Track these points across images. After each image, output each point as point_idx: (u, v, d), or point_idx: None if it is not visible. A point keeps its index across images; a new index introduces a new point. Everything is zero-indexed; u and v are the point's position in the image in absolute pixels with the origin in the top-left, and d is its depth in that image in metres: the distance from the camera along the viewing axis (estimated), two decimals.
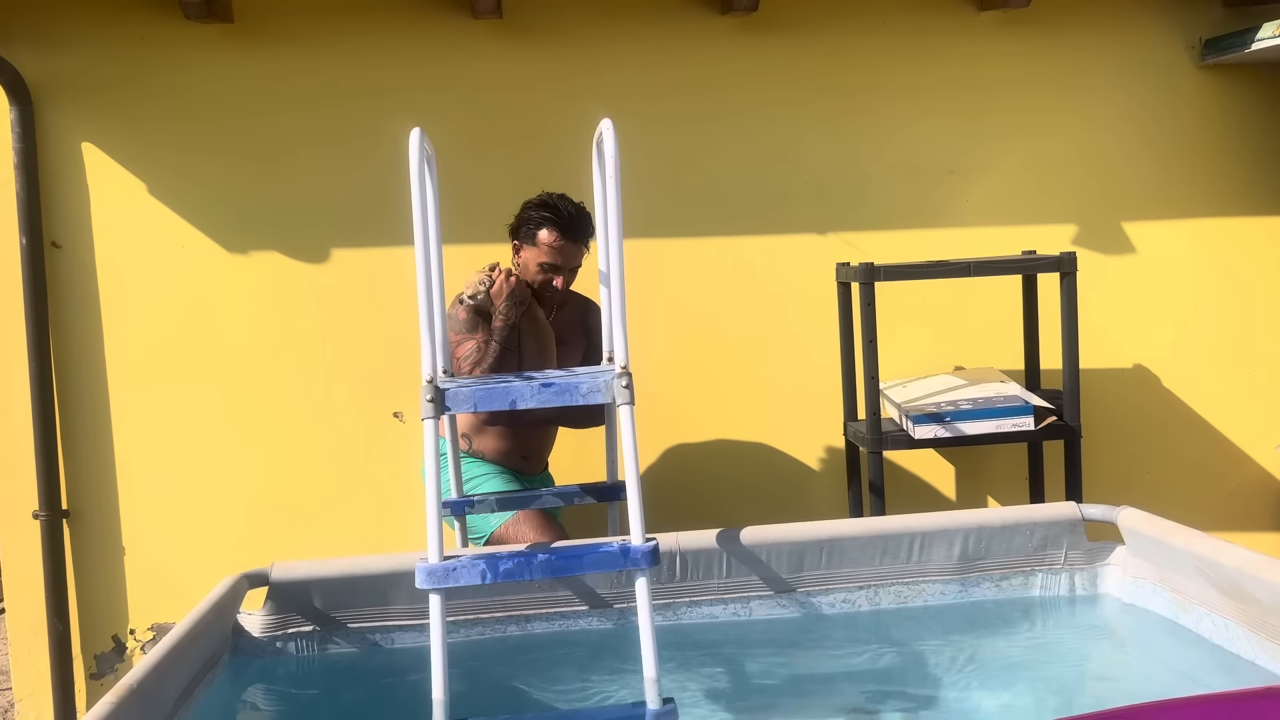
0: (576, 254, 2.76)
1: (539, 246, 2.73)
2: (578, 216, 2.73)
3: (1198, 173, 3.43)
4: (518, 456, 2.92)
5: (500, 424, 2.86)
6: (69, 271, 3.16)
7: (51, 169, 3.13)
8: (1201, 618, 2.26)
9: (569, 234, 2.72)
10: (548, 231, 2.72)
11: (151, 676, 1.83)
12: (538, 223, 2.73)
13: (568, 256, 2.74)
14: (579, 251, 2.77)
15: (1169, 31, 3.38)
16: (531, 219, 2.74)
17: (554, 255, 2.73)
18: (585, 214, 2.75)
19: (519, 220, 2.78)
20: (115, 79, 3.13)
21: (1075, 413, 2.96)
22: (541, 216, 2.72)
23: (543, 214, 2.73)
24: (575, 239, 2.74)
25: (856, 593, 2.50)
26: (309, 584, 2.37)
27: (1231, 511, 3.44)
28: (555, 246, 2.72)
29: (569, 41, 3.23)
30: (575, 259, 2.77)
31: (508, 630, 2.43)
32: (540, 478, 3.02)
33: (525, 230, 2.76)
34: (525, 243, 2.76)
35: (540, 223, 2.72)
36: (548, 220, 2.72)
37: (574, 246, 2.75)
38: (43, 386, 3.12)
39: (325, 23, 3.18)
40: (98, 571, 3.21)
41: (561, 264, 2.74)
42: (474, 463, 2.90)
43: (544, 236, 2.73)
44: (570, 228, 2.72)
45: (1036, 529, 2.52)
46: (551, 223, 2.71)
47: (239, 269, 3.20)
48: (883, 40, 3.32)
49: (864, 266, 2.92)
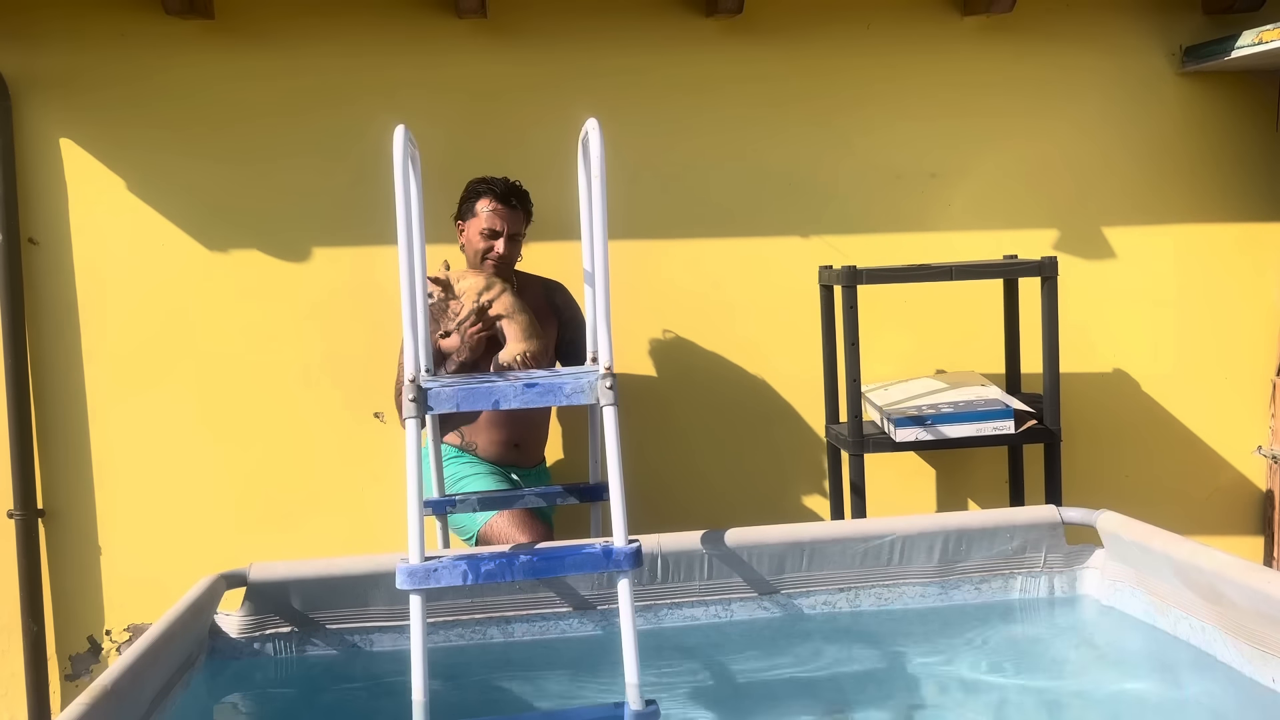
0: (515, 220, 2.86)
1: (478, 215, 2.85)
2: (513, 185, 2.87)
3: (1178, 179, 3.46)
4: (510, 445, 2.94)
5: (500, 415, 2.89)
6: (46, 268, 3.13)
7: (29, 165, 3.10)
8: (1179, 620, 2.27)
9: (505, 200, 2.84)
10: (485, 200, 2.85)
11: (126, 677, 1.81)
12: (477, 194, 2.86)
13: (507, 222, 2.84)
14: (517, 218, 2.87)
15: (1150, 39, 3.41)
16: (471, 193, 2.88)
17: (492, 220, 2.83)
18: (522, 188, 2.89)
19: (461, 200, 2.91)
20: (95, 74, 3.11)
21: (1055, 416, 2.97)
22: (478, 189, 2.87)
23: (479, 186, 2.87)
24: (511, 205, 2.85)
25: (837, 595, 2.51)
26: (287, 584, 2.35)
27: (1210, 515, 3.47)
28: (493, 210, 2.83)
29: (554, 41, 3.23)
30: (514, 225, 2.86)
31: (488, 632, 2.42)
32: (535, 471, 3.03)
33: (465, 206, 2.89)
34: (467, 218, 2.88)
35: (477, 194, 2.86)
36: (484, 190, 2.86)
37: (512, 212, 2.85)
38: (18, 384, 3.08)
39: (307, 20, 3.16)
40: (73, 572, 3.18)
41: (501, 229, 2.83)
42: (465, 461, 2.91)
43: (481, 205, 2.85)
44: (506, 194, 2.84)
45: (1016, 532, 2.53)
46: (488, 191, 2.85)
47: (219, 267, 3.18)
48: (866, 44, 3.33)
49: (846, 270, 2.93)
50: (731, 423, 3.35)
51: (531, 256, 3.14)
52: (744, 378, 3.35)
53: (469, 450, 2.93)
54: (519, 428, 2.94)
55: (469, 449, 2.93)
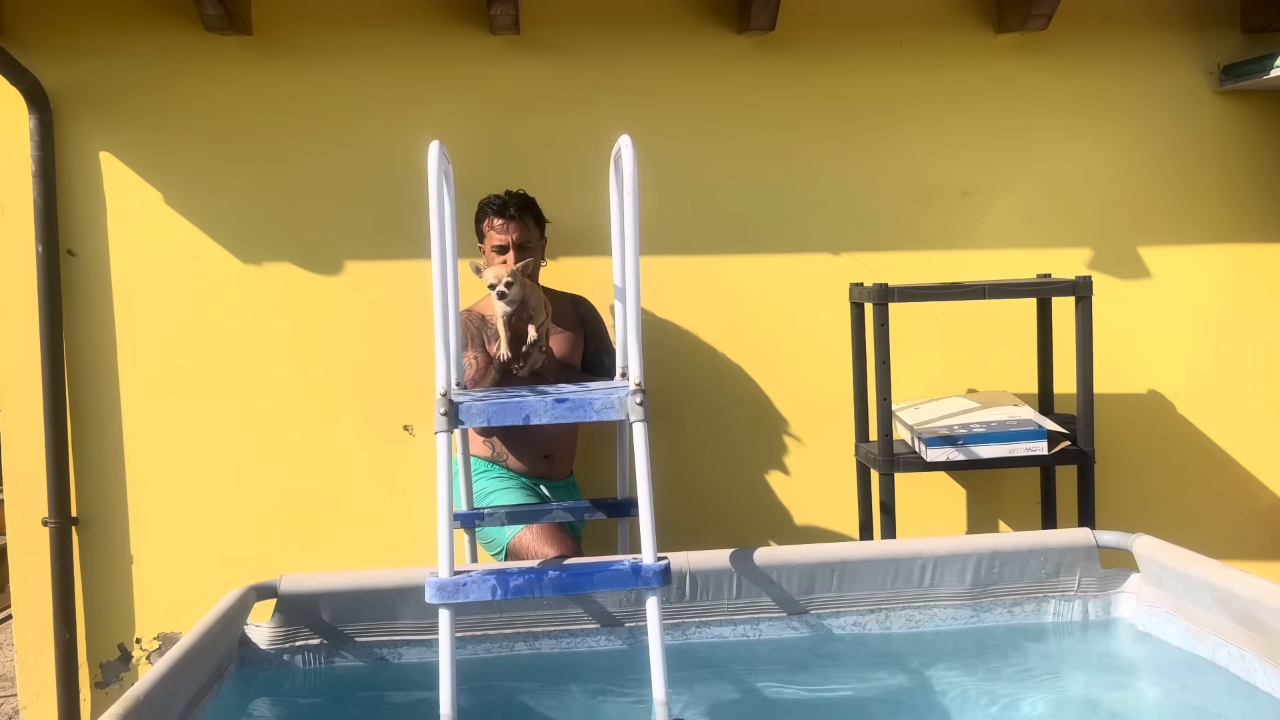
0: (521, 230, 2.88)
1: (488, 234, 2.91)
2: (513, 197, 2.91)
3: (1215, 198, 3.42)
4: (540, 457, 2.95)
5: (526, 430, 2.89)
6: (84, 280, 3.17)
7: (69, 178, 3.15)
8: (1217, 647, 2.23)
9: (505, 212, 2.88)
10: (488, 220, 2.91)
11: (159, 687, 1.82)
12: (483, 213, 2.93)
13: (512, 233, 2.87)
14: (523, 228, 2.89)
15: (1187, 57, 3.38)
16: (476, 218, 2.95)
17: (500, 236, 2.87)
18: (525, 195, 2.93)
19: (474, 222, 2.96)
20: (134, 89, 3.15)
21: (1089, 438, 2.94)
22: (485, 206, 2.93)
23: (481, 208, 2.94)
24: (511, 215, 2.88)
25: (867, 615, 2.48)
26: (317, 597, 2.36)
27: (1245, 541, 3.41)
28: (497, 226, 2.88)
29: (586, 59, 3.24)
30: (521, 234, 2.88)
31: (516, 647, 2.42)
32: (564, 484, 3.03)
33: (479, 228, 2.95)
34: (481, 240, 2.95)
35: (484, 212, 2.92)
36: (486, 208, 2.92)
37: (515, 223, 2.88)
38: (55, 393, 3.12)
39: (344, 36, 3.20)
40: (105, 580, 3.21)
41: (508, 241, 2.86)
42: (495, 475, 2.92)
43: (487, 225, 2.92)
44: (505, 206, 2.88)
45: (1050, 555, 2.50)
46: (490, 208, 2.91)
47: (253, 280, 3.21)
48: (899, 62, 3.32)
49: (878, 287, 2.92)
50: (760, 440, 3.34)
51: (563, 272, 3.15)
52: (773, 395, 3.34)
53: (499, 462, 2.94)
54: (550, 440, 2.96)
55: (500, 460, 2.94)
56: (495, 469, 2.94)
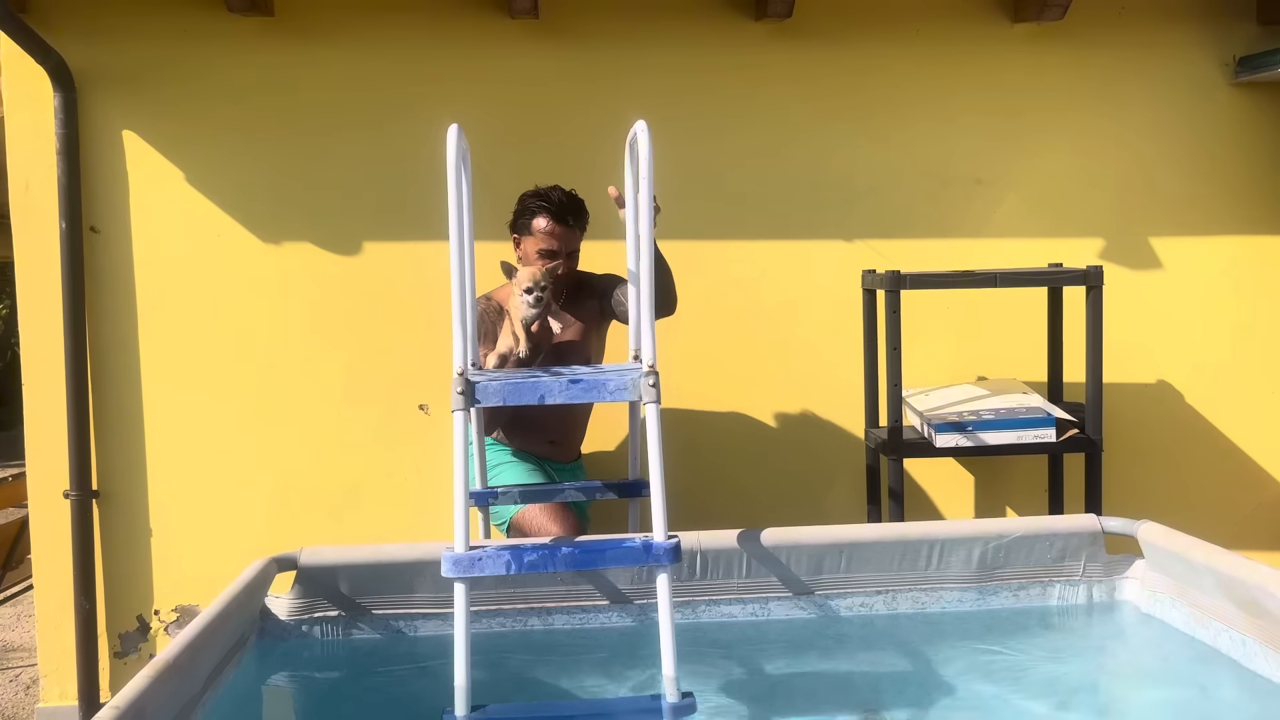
0: (572, 238, 2.81)
1: (535, 235, 2.79)
2: (569, 203, 2.80)
3: (1229, 190, 3.42)
4: (545, 443, 2.95)
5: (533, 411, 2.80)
6: (106, 256, 3.22)
7: (92, 155, 3.19)
8: (1219, 633, 2.26)
9: (562, 219, 2.78)
10: (542, 219, 2.78)
11: (186, 654, 1.87)
12: (532, 212, 2.80)
13: (564, 241, 2.78)
14: (574, 236, 2.82)
15: (1203, 48, 3.38)
16: (526, 209, 2.82)
17: (550, 241, 2.77)
18: (577, 200, 2.82)
19: (515, 214, 2.85)
20: (158, 69, 3.19)
21: (1097, 426, 2.96)
22: (536, 205, 2.79)
23: (537, 203, 2.80)
24: (568, 224, 2.79)
25: (874, 597, 2.52)
26: (336, 570, 2.41)
27: (1251, 531, 3.44)
28: (550, 232, 2.77)
29: (604, 43, 3.27)
30: (571, 243, 2.81)
31: (529, 622, 2.47)
32: (571, 468, 3.05)
33: (521, 222, 2.83)
34: (523, 234, 2.83)
35: (535, 212, 2.79)
36: (541, 209, 2.78)
37: (568, 231, 2.80)
38: (77, 368, 3.17)
39: (364, 19, 3.22)
40: (125, 552, 3.27)
41: (558, 249, 2.78)
42: (499, 449, 2.93)
43: (539, 224, 2.78)
44: (563, 213, 2.78)
45: (1056, 540, 2.53)
46: (545, 210, 2.78)
47: (272, 258, 3.25)
48: (915, 50, 3.34)
49: (890, 274, 2.94)
50: (771, 424, 3.37)
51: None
52: (784, 380, 3.37)
53: (506, 442, 2.95)
54: (554, 425, 2.95)
55: (505, 441, 2.95)
56: (503, 446, 2.95)
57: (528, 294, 2.49)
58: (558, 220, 2.78)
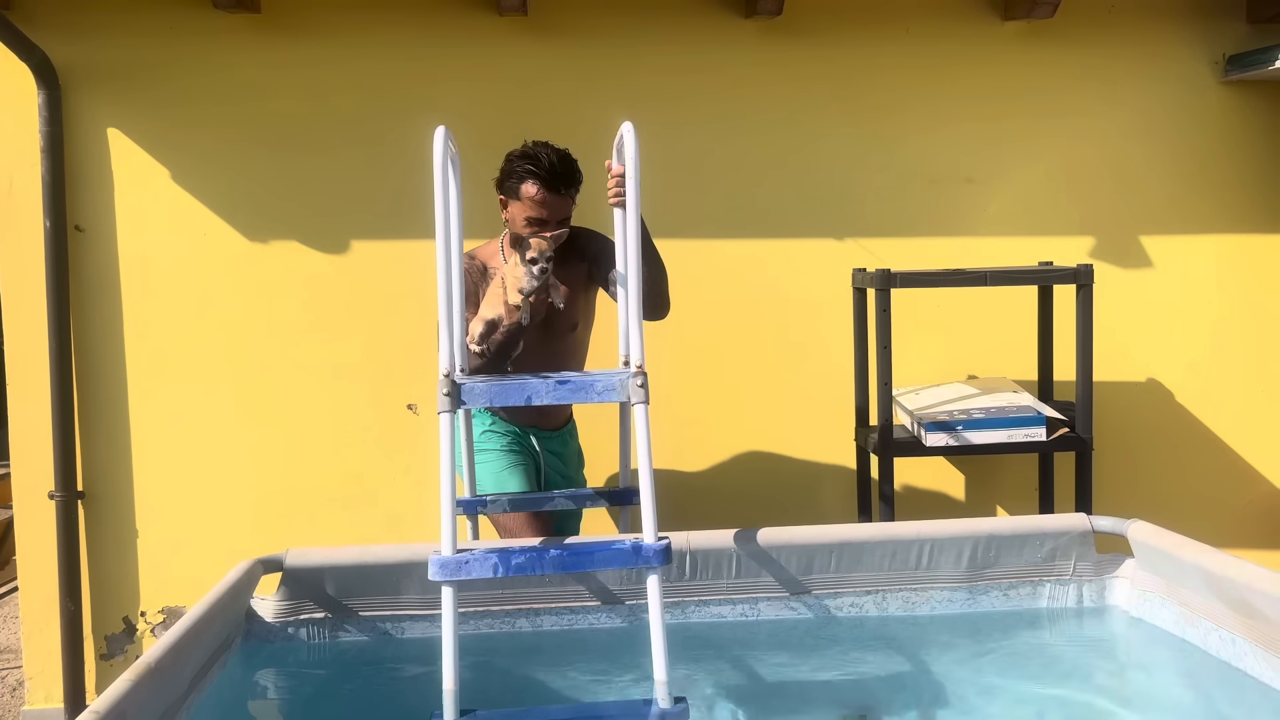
0: (562, 206, 2.59)
1: (523, 201, 2.56)
2: (561, 167, 2.56)
3: (1219, 189, 3.43)
4: (533, 410, 2.73)
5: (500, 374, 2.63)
6: (91, 255, 3.19)
7: (77, 153, 3.16)
8: (1209, 632, 2.26)
9: (552, 186, 2.55)
10: (531, 184, 2.55)
11: (169, 656, 1.85)
12: (520, 176, 2.56)
13: (553, 209, 2.56)
14: (565, 204, 2.59)
15: (1192, 47, 3.38)
16: (514, 172, 2.58)
17: (538, 209, 2.55)
18: (570, 163, 2.59)
19: (502, 173, 2.62)
20: (143, 66, 3.16)
21: (1088, 425, 2.96)
22: (524, 170, 2.55)
23: (525, 166, 2.56)
24: (559, 191, 2.56)
25: (865, 597, 2.51)
26: (322, 571, 2.39)
27: (1242, 529, 3.44)
28: (539, 200, 2.55)
29: (593, 40, 3.25)
30: (562, 211, 2.59)
31: (518, 623, 2.45)
32: (559, 434, 2.87)
33: (509, 184, 2.60)
34: (510, 197, 2.61)
35: (523, 176, 2.56)
36: (530, 174, 2.55)
37: (558, 199, 2.57)
38: (62, 368, 3.15)
39: (351, 16, 3.20)
40: (110, 553, 3.24)
41: (548, 217, 2.56)
42: (481, 416, 2.78)
43: (527, 190, 2.55)
44: (553, 180, 2.55)
45: (1046, 539, 2.52)
46: (534, 175, 2.54)
47: (259, 257, 3.23)
48: (905, 48, 3.33)
49: (880, 273, 2.93)
50: (760, 424, 3.36)
51: None
52: (775, 379, 3.36)
53: (492, 412, 2.78)
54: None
55: (492, 411, 2.78)
56: (486, 415, 2.79)
57: (532, 265, 2.35)
58: (548, 188, 2.55)
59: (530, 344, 2.59)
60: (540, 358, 2.66)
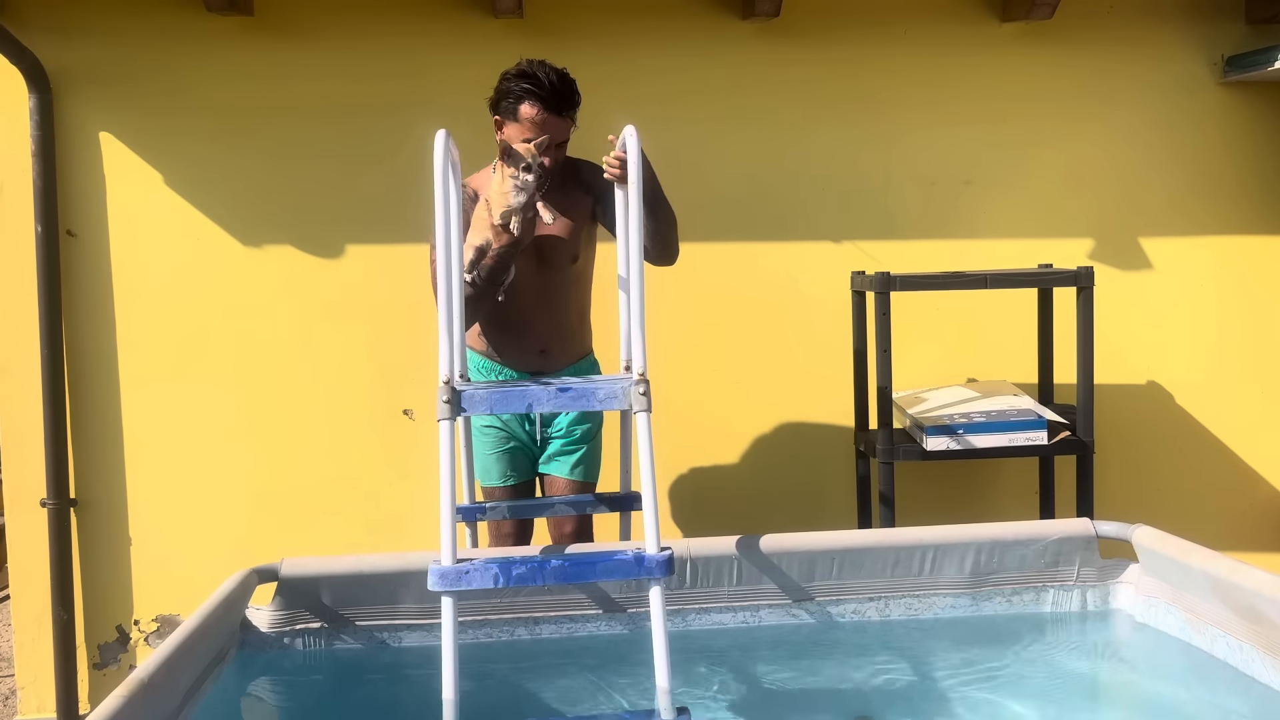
0: (562, 128, 2.47)
1: (521, 123, 2.44)
2: (560, 86, 2.45)
3: (1218, 190, 3.42)
4: (535, 352, 2.63)
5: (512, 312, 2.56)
6: (83, 260, 3.16)
7: (69, 158, 3.13)
8: (1215, 639, 2.24)
9: (551, 106, 2.43)
10: (529, 105, 2.43)
11: (162, 670, 1.82)
12: (517, 95, 2.44)
13: (553, 130, 2.45)
14: (564, 125, 2.48)
15: (1191, 48, 3.37)
16: (511, 91, 2.45)
17: (537, 130, 2.43)
18: (569, 82, 2.48)
19: (497, 93, 2.49)
20: (135, 69, 3.13)
21: (1089, 428, 2.95)
22: (522, 89, 2.43)
23: (523, 85, 2.43)
24: (558, 111, 2.45)
25: (867, 604, 2.49)
26: (319, 580, 2.37)
27: (1243, 532, 3.43)
28: (537, 121, 2.43)
29: (589, 42, 3.22)
30: (562, 133, 2.48)
31: (516, 632, 2.43)
32: (577, 369, 2.71)
33: (505, 105, 2.47)
34: (506, 118, 2.48)
35: (520, 96, 2.44)
36: (528, 93, 2.43)
37: (558, 120, 2.46)
38: (54, 374, 3.11)
39: (345, 18, 3.17)
40: (103, 561, 3.21)
41: (546, 140, 2.43)
42: (478, 361, 2.67)
43: (525, 111, 2.44)
44: (553, 99, 2.43)
45: (1049, 544, 2.51)
46: (532, 95, 2.42)
47: (253, 262, 3.20)
48: (903, 49, 3.31)
49: (880, 276, 2.91)
50: (760, 428, 3.34)
51: None
52: (774, 383, 3.34)
53: (492, 358, 2.68)
54: (544, 334, 2.65)
55: (492, 356, 2.68)
56: (487, 364, 2.71)
57: (527, 172, 2.25)
58: (547, 107, 2.42)
59: (528, 275, 2.51)
60: (538, 290, 2.58)
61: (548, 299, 2.62)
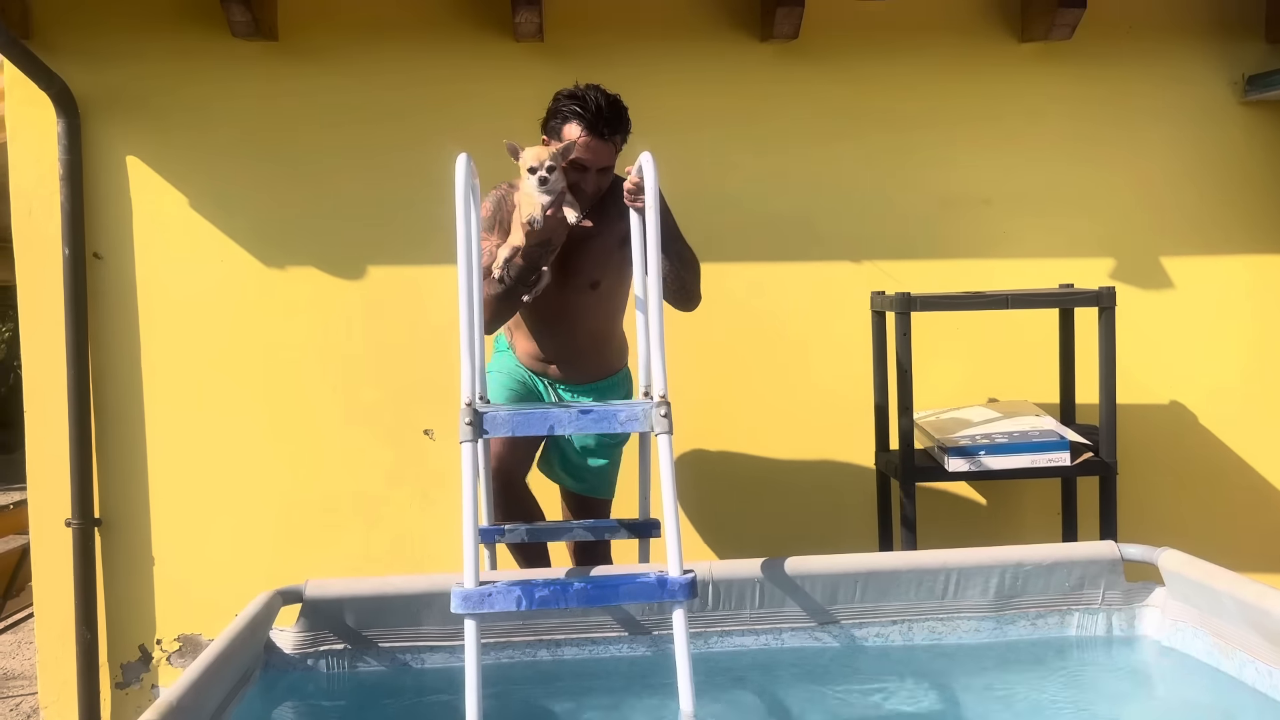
0: (606, 153, 2.47)
1: (565, 142, 2.45)
2: (608, 111, 2.45)
3: (1239, 209, 3.40)
4: (546, 363, 2.65)
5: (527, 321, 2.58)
6: (109, 283, 3.19)
7: (96, 181, 3.17)
8: (1244, 664, 2.22)
9: (595, 130, 2.43)
10: (573, 125, 2.44)
11: (190, 693, 1.83)
12: (564, 116, 2.45)
13: (596, 155, 2.45)
14: (609, 150, 2.47)
15: (1211, 67, 3.37)
16: (559, 111, 2.47)
17: (581, 152, 2.43)
18: (618, 108, 2.48)
19: (548, 112, 2.52)
20: (161, 94, 3.17)
21: (1112, 449, 2.93)
22: (569, 110, 2.44)
23: (570, 106, 2.44)
24: (603, 136, 2.44)
25: (889, 627, 2.48)
26: (342, 602, 2.37)
27: (1269, 555, 3.39)
28: (581, 143, 2.43)
29: (609, 65, 3.23)
30: (605, 158, 2.47)
31: (538, 654, 2.42)
32: (596, 387, 2.72)
33: (552, 124, 2.49)
34: (553, 137, 2.49)
35: (566, 116, 2.45)
36: (574, 114, 2.44)
37: (603, 145, 2.45)
38: (80, 395, 3.14)
39: (369, 43, 3.21)
40: (127, 581, 3.23)
41: (589, 163, 2.45)
42: (501, 353, 2.69)
43: (569, 131, 2.44)
44: (598, 123, 2.43)
45: (1074, 568, 2.49)
46: (578, 117, 2.43)
47: (276, 284, 3.23)
48: (922, 70, 3.32)
49: (900, 296, 2.91)
50: (780, 449, 3.34)
51: None
52: (794, 404, 3.33)
53: (513, 349, 2.69)
54: (551, 351, 2.63)
55: (513, 348, 2.69)
56: (507, 355, 2.68)
57: (531, 174, 2.26)
58: (590, 130, 2.42)
59: (546, 292, 2.50)
60: (555, 310, 2.58)
61: (559, 316, 2.63)
